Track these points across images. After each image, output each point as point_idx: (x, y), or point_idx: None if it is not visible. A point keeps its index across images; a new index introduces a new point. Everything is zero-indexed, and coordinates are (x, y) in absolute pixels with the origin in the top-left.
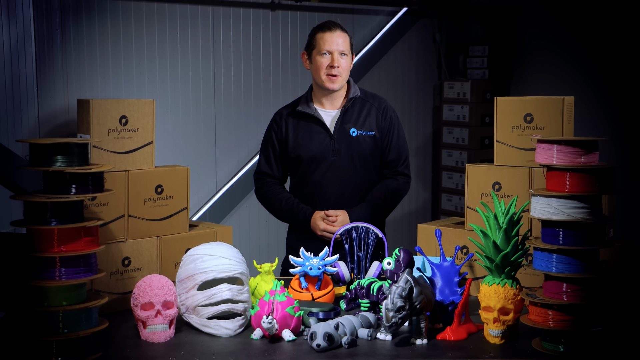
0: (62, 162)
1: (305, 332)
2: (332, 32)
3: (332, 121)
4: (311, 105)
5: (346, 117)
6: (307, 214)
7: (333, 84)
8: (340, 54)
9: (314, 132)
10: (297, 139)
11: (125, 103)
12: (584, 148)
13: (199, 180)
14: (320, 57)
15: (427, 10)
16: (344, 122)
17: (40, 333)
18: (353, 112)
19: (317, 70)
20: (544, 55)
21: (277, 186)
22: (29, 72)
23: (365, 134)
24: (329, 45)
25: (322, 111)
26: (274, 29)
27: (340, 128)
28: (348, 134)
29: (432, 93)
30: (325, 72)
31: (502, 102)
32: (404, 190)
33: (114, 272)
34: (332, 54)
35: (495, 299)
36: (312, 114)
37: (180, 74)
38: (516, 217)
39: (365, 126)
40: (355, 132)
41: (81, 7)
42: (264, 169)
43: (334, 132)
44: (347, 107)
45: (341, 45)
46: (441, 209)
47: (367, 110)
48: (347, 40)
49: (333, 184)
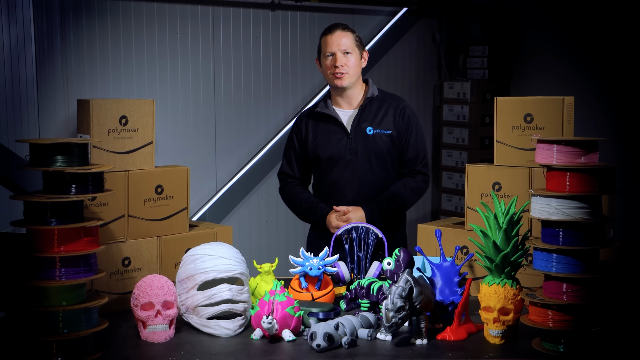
0: (62, 162)
1: (305, 332)
2: (332, 33)
3: (349, 120)
4: (329, 105)
5: (363, 116)
6: (324, 212)
7: (340, 81)
8: (344, 53)
9: (331, 132)
10: (315, 140)
11: (125, 103)
12: (584, 148)
13: (199, 180)
14: (325, 59)
15: (427, 10)
16: (360, 120)
17: (40, 333)
18: (370, 111)
19: (325, 73)
20: (544, 55)
21: (299, 187)
22: (29, 72)
23: (382, 132)
24: (330, 47)
25: (339, 111)
26: (274, 29)
27: (357, 127)
28: (364, 133)
29: (432, 93)
30: (331, 72)
31: (502, 102)
32: (422, 189)
33: (114, 272)
34: (334, 55)
35: (495, 299)
36: (330, 114)
37: (180, 74)
38: (516, 217)
39: (382, 125)
40: (372, 130)
41: (81, 7)
42: (286, 170)
43: (351, 131)
44: (365, 106)
45: (343, 45)
46: (441, 209)
47: (385, 109)
48: (349, 38)
49: (350, 183)
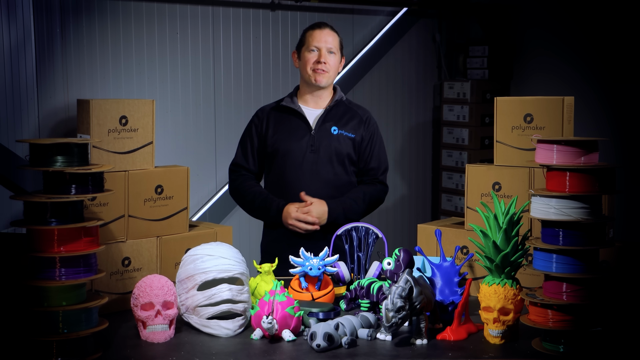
0: (62, 162)
1: (305, 332)
2: (322, 29)
3: (314, 119)
4: (295, 101)
5: (329, 116)
6: (280, 205)
7: (319, 78)
8: (329, 51)
9: (294, 126)
10: (276, 133)
11: (125, 103)
12: (584, 148)
13: (199, 180)
14: (308, 53)
15: (427, 10)
16: (326, 120)
17: (40, 333)
18: (337, 113)
19: (304, 66)
20: (544, 55)
21: (252, 180)
22: (29, 72)
23: (345, 134)
24: (317, 42)
25: (305, 108)
26: (274, 29)
27: (322, 126)
28: (329, 132)
29: (432, 93)
30: (312, 67)
31: (502, 102)
32: (381, 199)
33: (114, 272)
34: (320, 50)
35: (495, 299)
36: (295, 108)
37: (180, 74)
38: (516, 217)
39: (347, 127)
40: (337, 130)
41: (81, 7)
42: (240, 162)
43: (315, 129)
44: (332, 107)
45: (330, 43)
46: (441, 209)
47: (351, 115)
48: (336, 39)
49: (308, 180)
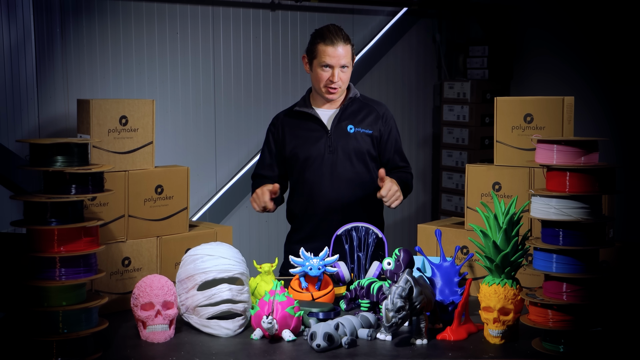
0: (62, 162)
1: (305, 332)
2: (335, 46)
3: (329, 119)
4: (309, 105)
5: (344, 114)
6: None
7: (332, 96)
8: (341, 68)
9: (310, 130)
10: (293, 139)
11: (125, 103)
12: (584, 148)
13: (199, 180)
14: (320, 69)
15: (427, 10)
16: (341, 119)
17: (40, 333)
18: (352, 111)
19: (317, 81)
20: (544, 55)
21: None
22: (29, 72)
23: (363, 131)
24: (330, 60)
25: (319, 110)
26: (274, 29)
27: (338, 125)
28: (345, 131)
29: (432, 93)
30: (325, 84)
31: (502, 102)
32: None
33: (114, 272)
34: (332, 69)
35: (495, 299)
36: (310, 112)
37: (180, 74)
38: (516, 217)
39: (363, 124)
40: (353, 128)
41: (81, 7)
42: (260, 171)
43: (331, 130)
44: (346, 105)
45: (342, 59)
46: (441, 209)
47: (367, 111)
48: (349, 51)
49: (329, 181)
